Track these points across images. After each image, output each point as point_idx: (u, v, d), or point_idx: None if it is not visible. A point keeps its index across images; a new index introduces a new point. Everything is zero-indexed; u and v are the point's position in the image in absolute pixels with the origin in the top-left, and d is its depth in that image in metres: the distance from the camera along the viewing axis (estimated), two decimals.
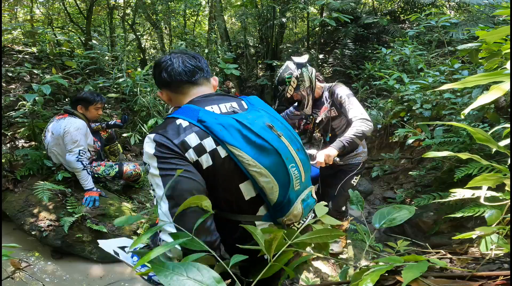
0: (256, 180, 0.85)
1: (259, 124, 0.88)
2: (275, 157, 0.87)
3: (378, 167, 3.99)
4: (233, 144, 0.83)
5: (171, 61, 0.98)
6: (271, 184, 0.86)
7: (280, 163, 0.87)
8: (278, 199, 0.88)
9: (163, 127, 0.88)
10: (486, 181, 0.81)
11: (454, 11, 7.54)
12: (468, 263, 0.93)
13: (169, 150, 0.82)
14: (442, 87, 0.74)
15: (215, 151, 0.84)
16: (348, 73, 6.87)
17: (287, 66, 1.99)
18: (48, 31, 5.35)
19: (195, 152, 0.83)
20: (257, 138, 0.85)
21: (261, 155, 0.84)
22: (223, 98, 0.98)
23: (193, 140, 0.83)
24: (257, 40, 10.62)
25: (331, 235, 0.68)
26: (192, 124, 0.85)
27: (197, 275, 0.55)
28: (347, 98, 1.89)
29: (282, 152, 0.88)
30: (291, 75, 1.95)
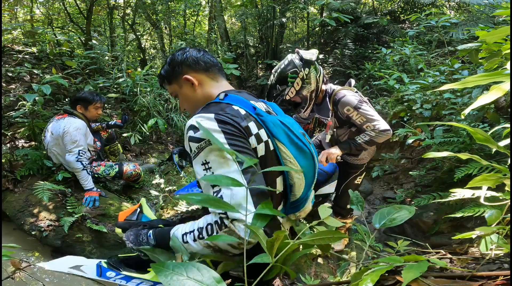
0: (291, 176, 0.92)
1: (296, 129, 0.96)
2: (310, 160, 0.95)
3: (378, 167, 3.99)
4: (281, 140, 0.89)
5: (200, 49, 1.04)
6: (301, 181, 0.93)
7: (312, 165, 0.96)
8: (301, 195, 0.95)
9: (220, 109, 0.86)
10: (486, 181, 0.81)
11: (454, 11, 7.54)
12: (468, 263, 0.93)
13: (237, 129, 0.81)
14: (442, 87, 0.74)
15: (267, 142, 0.89)
16: (348, 73, 6.87)
17: (292, 61, 1.69)
18: (48, 31, 5.36)
19: (256, 139, 0.86)
20: (298, 141, 0.92)
21: (299, 155, 0.91)
22: (253, 97, 1.04)
23: (253, 128, 0.87)
24: (257, 40, 10.61)
25: (334, 237, 0.68)
26: (249, 114, 0.88)
27: (197, 275, 0.55)
28: (356, 109, 1.68)
29: (315, 156, 0.97)
30: (295, 75, 1.67)
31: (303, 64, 1.67)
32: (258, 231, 0.71)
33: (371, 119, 1.67)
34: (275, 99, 1.78)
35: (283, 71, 1.70)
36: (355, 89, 1.81)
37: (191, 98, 1.01)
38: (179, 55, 1.01)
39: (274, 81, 1.74)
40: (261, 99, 1.09)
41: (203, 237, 0.75)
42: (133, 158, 3.87)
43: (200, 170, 0.78)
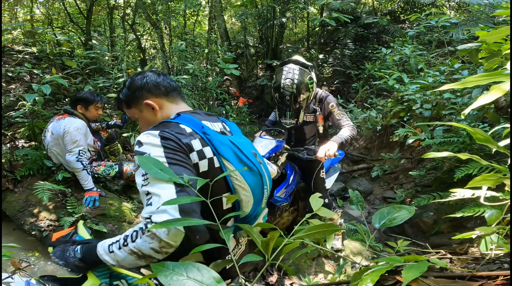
0: (237, 193, 0.97)
1: (247, 149, 1.03)
2: (258, 178, 1.02)
3: (378, 167, 3.99)
4: (227, 158, 0.95)
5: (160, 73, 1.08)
6: (249, 198, 0.98)
7: (260, 184, 1.02)
8: (250, 212, 1.00)
9: (165, 127, 0.91)
10: (486, 181, 0.81)
11: (454, 11, 7.54)
12: (468, 263, 0.93)
13: (177, 145, 0.86)
14: (442, 87, 0.74)
15: (212, 159, 0.94)
16: (348, 73, 6.87)
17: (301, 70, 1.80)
18: (48, 31, 5.36)
19: (198, 155, 0.90)
20: (246, 160, 0.99)
21: (247, 173, 0.98)
22: (211, 117, 1.09)
23: (197, 145, 0.91)
24: (257, 40, 10.62)
25: (329, 230, 0.68)
26: (195, 132, 0.94)
27: (197, 275, 0.55)
28: (337, 107, 1.98)
29: (263, 175, 1.04)
30: (312, 80, 1.82)
31: (310, 70, 1.84)
32: (252, 230, 0.71)
33: (345, 116, 1.99)
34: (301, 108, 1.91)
35: (301, 80, 1.78)
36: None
37: (152, 122, 1.02)
38: (139, 80, 1.03)
39: (296, 92, 1.79)
40: (223, 119, 1.15)
41: (127, 244, 0.76)
42: (133, 158, 3.87)
43: (139, 180, 0.82)
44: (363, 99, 5.89)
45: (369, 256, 2.09)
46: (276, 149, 1.97)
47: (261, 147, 1.94)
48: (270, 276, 1.94)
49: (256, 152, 1.07)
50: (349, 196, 1.00)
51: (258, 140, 2.00)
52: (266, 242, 0.67)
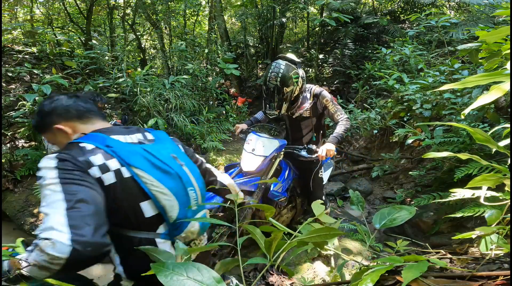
0: (158, 199, 0.96)
1: (164, 154, 1.03)
2: (177, 181, 1.01)
3: (378, 167, 3.99)
4: (138, 166, 0.95)
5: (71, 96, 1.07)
6: (173, 202, 0.98)
7: (181, 186, 1.02)
8: (178, 216, 1.00)
9: (66, 148, 0.94)
10: (486, 181, 0.81)
11: (454, 11, 7.54)
12: (468, 263, 0.93)
13: (72, 164, 0.88)
14: (442, 87, 0.74)
15: (119, 171, 0.94)
16: (348, 73, 6.87)
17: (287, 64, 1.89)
18: (48, 31, 5.36)
19: (100, 169, 0.91)
20: (162, 164, 0.99)
21: (165, 178, 0.98)
22: (128, 131, 1.09)
23: (98, 160, 0.92)
24: (257, 40, 10.62)
25: (330, 234, 0.69)
26: (97, 148, 0.94)
27: (197, 275, 0.55)
28: (331, 101, 2.07)
29: (183, 177, 1.03)
30: (298, 75, 1.89)
31: (297, 66, 1.91)
32: (255, 231, 0.71)
33: (340, 109, 2.08)
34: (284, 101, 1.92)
35: (285, 74, 1.84)
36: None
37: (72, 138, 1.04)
38: (47, 105, 1.03)
39: (280, 84, 1.85)
40: (149, 130, 1.16)
41: (28, 258, 0.81)
42: None
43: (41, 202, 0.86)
44: (363, 99, 5.89)
45: (369, 256, 2.09)
46: (279, 149, 2.00)
47: (263, 147, 1.95)
48: (270, 276, 1.94)
49: (177, 155, 1.08)
50: (349, 196, 1.00)
51: (256, 139, 2.01)
52: (269, 242, 0.67)
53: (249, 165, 1.93)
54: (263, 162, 1.92)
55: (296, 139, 2.31)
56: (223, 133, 5.11)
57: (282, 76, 1.84)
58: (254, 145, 1.99)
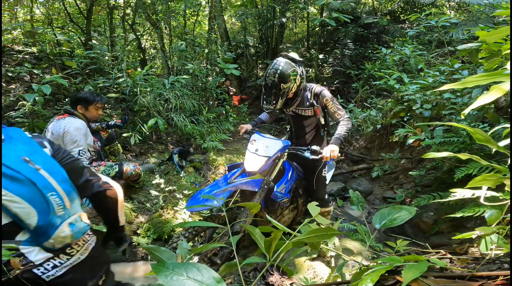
0: (8, 207, 0.90)
1: (12, 157, 0.94)
2: (30, 187, 0.93)
3: (378, 167, 3.99)
4: None
5: None
6: (28, 210, 0.92)
7: (36, 192, 0.94)
8: (38, 223, 0.94)
9: None
10: (486, 181, 0.81)
11: (454, 11, 7.54)
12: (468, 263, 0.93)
13: None
14: (442, 87, 0.74)
15: None
16: (348, 73, 6.87)
17: (287, 62, 1.93)
18: (48, 31, 5.36)
19: None
20: (7, 170, 0.91)
21: (13, 185, 0.90)
22: None
23: None
24: (257, 40, 10.62)
25: (328, 234, 0.69)
26: None
27: (197, 275, 0.55)
28: (331, 100, 2.08)
29: (38, 182, 0.95)
30: (296, 73, 1.93)
31: (297, 64, 1.95)
32: (255, 231, 0.71)
33: (340, 108, 2.10)
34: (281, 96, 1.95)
35: (284, 71, 1.88)
36: None
37: None
38: None
39: (277, 81, 1.89)
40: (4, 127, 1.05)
41: None
42: (133, 158, 3.87)
43: None
44: (363, 99, 5.89)
45: (369, 256, 2.09)
46: (283, 150, 2.01)
47: (266, 148, 1.95)
48: (270, 276, 1.94)
49: (32, 158, 0.98)
50: (349, 196, 1.00)
51: (260, 139, 2.02)
52: (268, 242, 0.67)
53: (253, 165, 1.93)
54: (266, 162, 1.92)
55: (299, 137, 2.33)
56: (223, 133, 5.11)
57: (280, 73, 1.88)
58: (257, 145, 1.99)
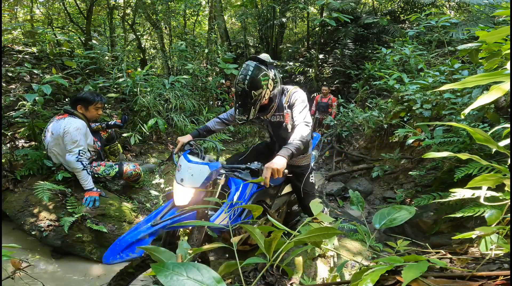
0: None
1: None
2: None
3: (378, 167, 3.99)
4: None
5: None
6: None
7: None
8: None
9: None
10: (486, 181, 0.81)
11: (454, 11, 7.54)
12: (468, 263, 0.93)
13: None
14: (442, 87, 0.74)
15: None
16: (348, 73, 6.87)
17: (257, 66, 1.69)
18: (48, 31, 5.36)
19: None
20: None
21: None
22: None
23: None
24: (257, 40, 10.62)
25: (328, 234, 0.69)
26: None
27: (197, 275, 0.55)
28: (300, 103, 1.81)
29: None
30: (267, 77, 1.70)
31: (268, 67, 1.72)
32: (255, 231, 0.71)
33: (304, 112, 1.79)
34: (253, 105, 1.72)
35: (253, 76, 1.67)
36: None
37: None
38: None
39: (248, 88, 1.68)
40: None
41: None
42: (133, 158, 3.87)
43: None
44: (363, 99, 5.90)
45: (369, 256, 2.09)
46: (210, 178, 1.55)
47: (192, 176, 1.52)
48: (270, 276, 1.94)
49: None
50: (349, 196, 1.00)
51: (185, 165, 1.56)
52: (268, 242, 0.67)
53: (180, 199, 1.54)
54: (196, 194, 1.53)
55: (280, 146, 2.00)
56: (223, 133, 5.11)
57: (250, 79, 1.66)
58: (182, 173, 1.55)
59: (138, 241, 1.36)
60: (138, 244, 1.35)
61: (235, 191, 1.72)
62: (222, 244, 0.82)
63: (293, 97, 1.83)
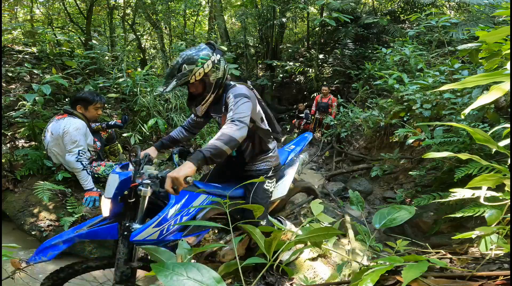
0: None
1: None
2: None
3: (378, 167, 3.99)
4: None
5: None
6: None
7: None
8: None
9: None
10: (486, 181, 0.81)
11: (454, 11, 7.54)
12: (468, 263, 0.93)
13: None
14: (442, 87, 0.74)
15: None
16: (348, 73, 6.87)
17: (204, 46, 1.58)
18: (48, 31, 5.35)
19: None
20: None
21: None
22: None
23: None
24: (257, 40, 10.63)
25: (328, 234, 0.69)
26: None
27: (197, 275, 0.55)
28: (233, 98, 1.53)
29: None
30: (207, 57, 1.53)
31: (215, 51, 1.58)
32: (255, 231, 0.71)
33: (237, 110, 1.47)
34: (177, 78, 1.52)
35: (193, 53, 1.53)
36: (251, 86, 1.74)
37: None
38: None
39: (181, 61, 1.52)
40: None
41: None
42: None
43: None
44: (363, 99, 5.90)
45: (369, 256, 2.09)
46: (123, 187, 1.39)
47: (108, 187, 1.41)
48: (270, 276, 1.94)
49: None
50: (349, 196, 1.00)
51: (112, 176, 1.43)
52: (268, 242, 0.67)
53: (104, 210, 1.43)
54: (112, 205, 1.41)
55: (237, 153, 1.80)
56: None
57: (188, 54, 1.53)
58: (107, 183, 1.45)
59: (52, 246, 1.38)
60: (51, 249, 1.38)
61: (174, 204, 1.50)
62: (222, 244, 0.82)
63: (228, 95, 1.57)
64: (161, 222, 1.41)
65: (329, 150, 5.90)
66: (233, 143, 1.37)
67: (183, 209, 1.51)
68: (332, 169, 5.08)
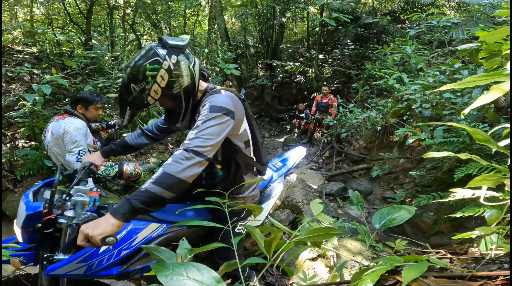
0: None
1: None
2: None
3: (378, 167, 3.99)
4: None
5: None
6: None
7: None
8: None
9: None
10: (486, 181, 0.81)
11: (454, 11, 7.54)
12: (468, 263, 0.93)
13: None
14: (442, 87, 0.74)
15: None
16: (348, 73, 6.87)
17: (151, 49, 1.13)
18: (48, 31, 5.36)
19: None
20: None
21: None
22: None
23: None
24: (257, 40, 10.63)
25: (328, 234, 0.69)
26: None
27: (197, 275, 0.55)
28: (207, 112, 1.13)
29: None
30: (157, 66, 1.10)
31: (168, 52, 1.12)
32: (255, 231, 0.72)
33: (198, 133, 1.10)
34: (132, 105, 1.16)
35: (138, 64, 1.10)
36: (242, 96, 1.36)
37: None
38: None
39: (126, 79, 1.12)
40: None
41: None
42: (133, 158, 3.87)
43: None
44: (363, 99, 5.90)
45: (369, 256, 2.09)
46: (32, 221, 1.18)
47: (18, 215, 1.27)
48: (270, 276, 1.94)
49: None
50: (349, 196, 1.00)
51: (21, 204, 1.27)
52: (268, 242, 0.67)
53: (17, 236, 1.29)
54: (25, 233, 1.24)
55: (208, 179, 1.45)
56: None
57: (132, 66, 1.11)
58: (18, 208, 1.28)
59: None
60: None
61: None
62: (222, 244, 0.82)
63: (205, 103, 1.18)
64: (89, 257, 1.11)
65: (329, 150, 5.90)
66: (176, 187, 1.02)
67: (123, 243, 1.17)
68: (332, 169, 5.09)
